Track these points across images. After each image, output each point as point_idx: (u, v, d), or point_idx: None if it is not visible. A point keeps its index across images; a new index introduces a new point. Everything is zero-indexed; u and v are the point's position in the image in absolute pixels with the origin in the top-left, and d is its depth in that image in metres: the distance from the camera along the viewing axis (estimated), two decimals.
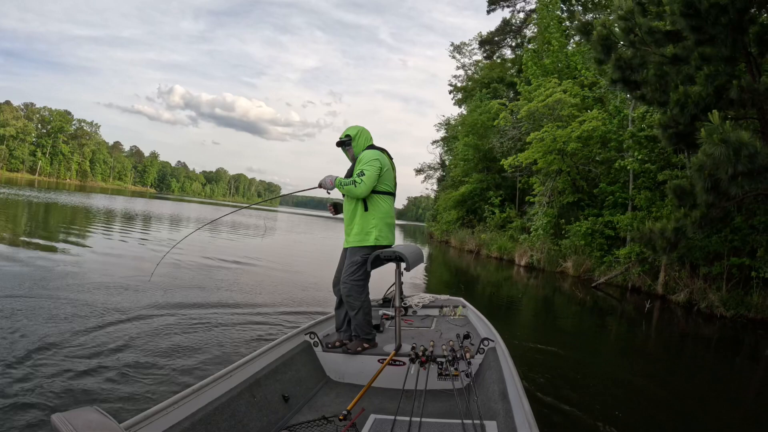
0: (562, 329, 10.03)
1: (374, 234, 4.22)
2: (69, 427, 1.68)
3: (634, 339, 9.85)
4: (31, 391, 4.01)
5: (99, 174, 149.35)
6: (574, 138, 17.89)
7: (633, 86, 11.32)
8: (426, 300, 6.35)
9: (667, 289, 13.65)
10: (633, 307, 13.37)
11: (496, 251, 24.10)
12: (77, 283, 8.36)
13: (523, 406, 2.73)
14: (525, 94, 22.72)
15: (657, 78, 10.72)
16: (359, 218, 4.27)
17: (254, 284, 10.59)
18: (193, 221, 31.82)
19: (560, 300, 14.20)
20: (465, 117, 35.63)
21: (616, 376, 6.63)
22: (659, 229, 10.03)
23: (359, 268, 4.21)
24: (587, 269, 17.11)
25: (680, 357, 8.66)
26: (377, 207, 4.26)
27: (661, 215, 14.12)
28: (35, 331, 5.53)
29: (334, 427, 3.05)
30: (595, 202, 19.29)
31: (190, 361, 5.16)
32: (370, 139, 4.46)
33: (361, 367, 4.13)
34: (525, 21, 41.92)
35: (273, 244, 23.12)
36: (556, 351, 7.34)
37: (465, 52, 48.01)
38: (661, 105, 11.12)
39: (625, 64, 10.90)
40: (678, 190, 10.09)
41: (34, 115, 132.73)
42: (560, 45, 26.23)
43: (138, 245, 15.65)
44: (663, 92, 10.73)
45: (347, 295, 4.20)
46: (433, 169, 52.65)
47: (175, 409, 2.57)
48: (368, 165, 4.14)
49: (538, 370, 5.98)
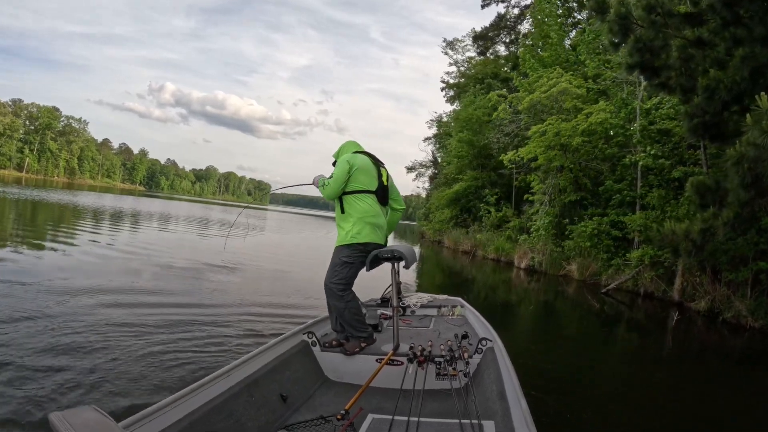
0: (568, 336, 9.45)
1: (351, 233, 4.19)
2: (67, 425, 1.66)
3: (645, 347, 9.10)
4: (28, 391, 4.00)
5: (87, 171, 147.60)
6: (580, 132, 16.68)
7: (652, 72, 10.24)
8: (424, 300, 6.35)
9: (685, 296, 12.50)
10: (645, 314, 12.41)
11: (493, 252, 22.88)
12: (69, 284, 8.15)
13: (521, 406, 2.77)
14: (525, 86, 21.48)
15: (682, 62, 9.62)
16: (338, 219, 4.33)
17: (249, 284, 10.66)
18: (182, 221, 30.98)
19: (565, 305, 13.22)
20: (459, 112, 34.47)
21: (622, 382, 6.53)
22: (683, 231, 8.96)
23: (339, 269, 4.19)
24: (593, 273, 15.92)
25: (698, 367, 8.00)
26: (353, 207, 4.25)
27: (677, 215, 13.09)
28: (29, 331, 5.50)
29: (332, 426, 3.05)
30: (599, 200, 18.10)
31: (188, 361, 5.13)
32: (352, 149, 4.48)
33: (359, 366, 4.13)
34: (519, 16, 41.17)
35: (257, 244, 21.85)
36: (558, 356, 7.28)
37: (458, 48, 47.12)
38: (684, 92, 10.05)
39: (645, 47, 9.80)
40: (701, 187, 9.09)
41: (22, 111, 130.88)
42: (559, 38, 25.10)
43: (124, 245, 15.08)
44: (689, 77, 9.64)
45: (329, 296, 4.22)
46: (425, 166, 51.65)
47: (173, 408, 2.56)
48: (337, 167, 4.25)
49: (539, 374, 5.94)
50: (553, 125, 17.21)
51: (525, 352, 6.85)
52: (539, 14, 26.12)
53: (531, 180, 21.69)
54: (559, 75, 19.02)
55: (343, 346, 4.24)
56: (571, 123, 16.91)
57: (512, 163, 20.79)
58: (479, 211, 28.83)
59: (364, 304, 5.23)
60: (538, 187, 20.65)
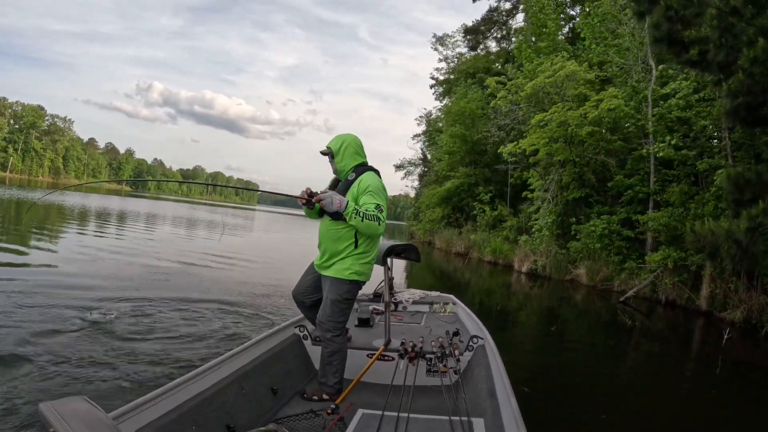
0: (580, 348, 8.44)
1: (355, 269, 3.64)
2: (56, 415, 1.66)
3: (666, 357, 8.18)
4: (18, 381, 4.04)
5: (72, 171, 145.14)
6: (590, 120, 15.07)
7: (681, 47, 8.86)
8: (416, 296, 6.30)
9: (715, 304, 11.01)
10: (666, 324, 11.01)
11: (489, 254, 21.22)
12: (59, 280, 8.25)
13: (511, 404, 2.75)
14: (526, 73, 19.90)
15: (721, 32, 8.20)
16: (348, 250, 3.64)
17: (239, 280, 10.59)
18: (169, 221, 30.36)
19: (575, 313, 11.73)
20: (451, 106, 32.82)
21: (635, 391, 6.12)
22: (725, 230, 7.56)
23: (343, 307, 3.66)
24: (604, 277, 14.38)
25: (729, 386, 6.89)
26: (367, 238, 3.67)
27: (701, 212, 11.66)
28: (19, 325, 5.52)
29: (321, 420, 3.06)
30: (605, 197, 16.61)
31: (178, 354, 5.15)
32: (360, 153, 3.78)
33: (350, 361, 3.85)
34: (511, 11, 39.99)
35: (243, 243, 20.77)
36: (569, 365, 7.03)
37: (448, 44, 45.47)
38: (722, 69, 8.64)
39: (676, 16, 8.40)
40: (738, 180, 7.87)
41: (6, 110, 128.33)
42: (556, 27, 23.71)
43: (113, 243, 15.20)
44: (730, 50, 8.21)
45: (325, 332, 3.64)
46: (414, 165, 50.15)
47: (163, 399, 2.55)
48: (381, 197, 3.55)
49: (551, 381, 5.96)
50: (559, 113, 15.58)
51: (542, 369, 6.60)
52: (535, 4, 24.68)
53: (529, 176, 20.15)
54: (564, 59, 17.41)
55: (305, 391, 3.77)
56: (578, 111, 15.33)
57: (512, 156, 19.11)
58: (473, 210, 27.21)
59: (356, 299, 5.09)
60: (537, 183, 19.05)
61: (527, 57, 22.50)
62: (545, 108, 17.11)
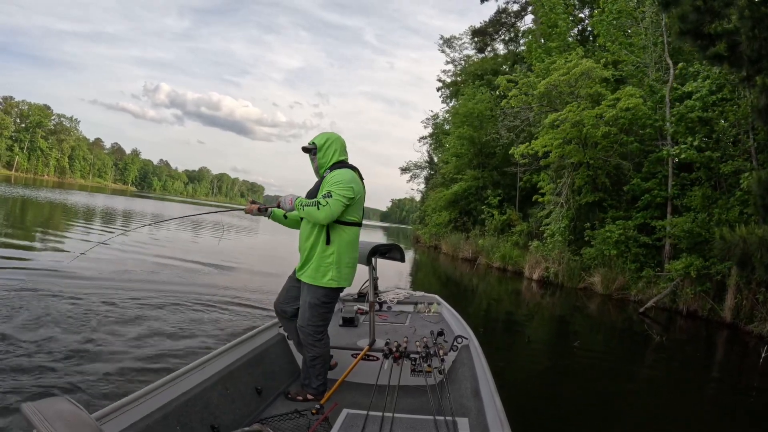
0: (596, 361, 7.72)
1: (330, 274, 3.51)
2: (39, 416, 1.65)
3: (685, 375, 7.54)
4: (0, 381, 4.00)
5: (78, 171, 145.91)
6: (608, 119, 14.36)
7: (708, 41, 8.25)
8: (401, 296, 6.32)
9: (740, 316, 10.33)
10: (687, 337, 10.33)
11: (498, 260, 20.47)
12: (50, 279, 8.21)
13: (495, 404, 2.75)
14: (537, 72, 19.21)
15: (754, 22, 7.60)
16: (319, 251, 3.54)
17: (228, 279, 10.74)
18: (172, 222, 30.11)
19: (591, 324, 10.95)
20: (458, 107, 32.18)
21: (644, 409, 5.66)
22: (759, 238, 6.93)
23: (320, 310, 3.56)
24: (620, 286, 13.69)
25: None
26: (340, 239, 3.53)
27: (726, 218, 11.01)
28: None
29: (306, 420, 3.08)
30: (620, 202, 15.94)
31: (162, 354, 5.11)
32: (342, 152, 3.68)
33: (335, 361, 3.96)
34: (520, 12, 39.43)
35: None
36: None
37: (455, 47, 45.08)
38: (753, 63, 8.03)
39: (705, 6, 7.79)
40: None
41: (13, 108, 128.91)
42: (567, 26, 23.03)
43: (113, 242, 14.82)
44: (764, 41, 7.59)
45: (305, 336, 3.58)
46: (420, 167, 49.58)
47: (147, 399, 2.54)
48: (339, 187, 3.40)
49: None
50: (574, 112, 14.89)
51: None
52: (545, 3, 24.05)
53: (539, 180, 19.43)
54: (579, 56, 16.73)
55: (288, 392, 3.77)
56: (594, 111, 14.64)
57: (523, 158, 18.40)
58: (480, 214, 26.50)
59: (340, 298, 5.16)
60: (548, 187, 18.36)
61: (537, 57, 21.85)
62: (557, 108, 16.43)
